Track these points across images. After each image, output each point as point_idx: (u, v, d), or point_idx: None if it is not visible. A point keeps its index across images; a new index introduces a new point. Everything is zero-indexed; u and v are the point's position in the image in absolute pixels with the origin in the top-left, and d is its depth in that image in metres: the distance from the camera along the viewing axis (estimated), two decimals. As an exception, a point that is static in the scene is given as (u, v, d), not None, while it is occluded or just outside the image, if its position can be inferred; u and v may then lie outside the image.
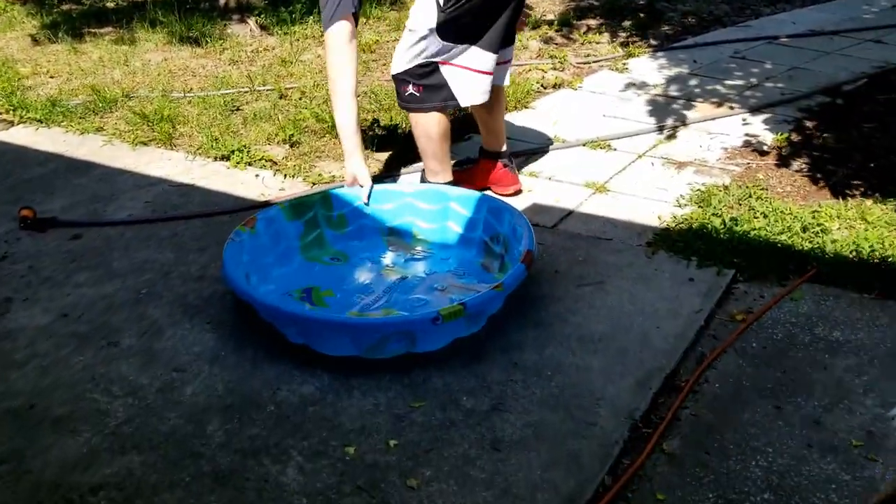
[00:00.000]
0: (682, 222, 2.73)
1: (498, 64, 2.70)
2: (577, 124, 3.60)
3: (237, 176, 3.15)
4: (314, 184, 3.06)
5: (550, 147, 3.37)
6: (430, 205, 2.63)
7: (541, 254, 2.57)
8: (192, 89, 4.02)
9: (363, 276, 2.47)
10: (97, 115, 3.71)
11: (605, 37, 4.88)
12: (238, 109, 3.77)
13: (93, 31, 5.05)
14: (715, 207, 2.79)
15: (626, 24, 5.12)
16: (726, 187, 2.96)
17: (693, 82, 4.12)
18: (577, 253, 2.57)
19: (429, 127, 2.69)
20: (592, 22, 5.17)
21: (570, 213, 2.85)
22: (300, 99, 3.85)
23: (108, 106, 3.78)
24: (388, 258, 2.56)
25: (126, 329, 2.23)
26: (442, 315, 1.96)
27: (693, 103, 3.83)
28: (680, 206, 2.87)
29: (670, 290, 2.36)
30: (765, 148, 3.33)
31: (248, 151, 3.28)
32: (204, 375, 2.04)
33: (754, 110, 3.72)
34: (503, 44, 2.68)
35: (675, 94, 3.97)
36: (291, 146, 3.38)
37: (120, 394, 1.99)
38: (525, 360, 2.07)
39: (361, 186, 2.59)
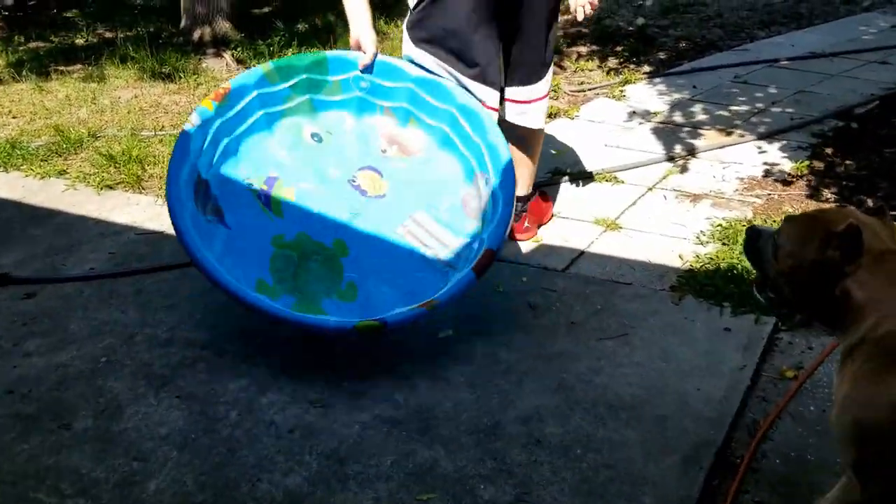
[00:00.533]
0: (708, 262, 2.47)
1: (510, 101, 2.41)
2: (577, 155, 3.35)
3: (212, 221, 2.86)
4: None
5: (552, 180, 3.12)
6: (435, 100, 2.31)
7: (553, 302, 2.30)
8: (163, 127, 3.74)
9: (336, 177, 2.28)
10: (60, 157, 3.42)
11: (598, 63, 4.68)
12: (213, 148, 3.49)
13: (60, 68, 4.78)
14: (742, 245, 2.53)
15: (619, 49, 4.93)
16: (750, 221, 2.71)
17: (696, 108, 3.90)
18: (594, 300, 2.30)
19: None
20: (583, 49, 4.98)
21: (581, 253, 2.59)
22: (280, 135, 3.58)
23: (73, 147, 3.49)
24: (372, 152, 2.34)
25: (81, 408, 1.92)
26: (357, 329, 1.92)
27: (699, 131, 3.61)
28: (702, 243, 2.61)
29: (705, 342, 2.09)
30: (786, 177, 3.10)
31: (224, 194, 3.00)
32: (171, 465, 1.73)
33: (766, 137, 3.50)
34: (507, 72, 2.38)
35: (679, 121, 3.74)
36: (271, 187, 3.10)
37: (70, 492, 1.67)
38: (548, 436, 1.77)
39: (364, 53, 2.29)
